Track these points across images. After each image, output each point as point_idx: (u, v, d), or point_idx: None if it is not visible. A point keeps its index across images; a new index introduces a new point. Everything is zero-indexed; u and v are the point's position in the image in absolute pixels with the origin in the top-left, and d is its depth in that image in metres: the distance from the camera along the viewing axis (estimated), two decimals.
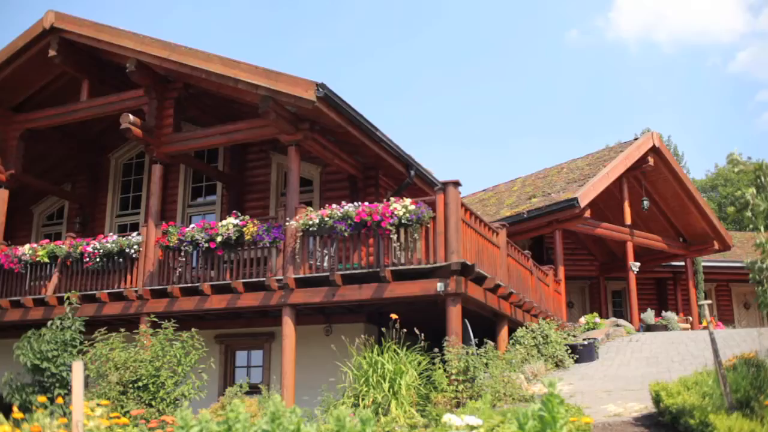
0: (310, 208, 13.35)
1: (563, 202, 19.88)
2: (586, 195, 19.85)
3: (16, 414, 5.99)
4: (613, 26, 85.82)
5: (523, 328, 14.31)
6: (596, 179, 20.63)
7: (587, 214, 20.19)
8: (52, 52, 15.73)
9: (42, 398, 10.17)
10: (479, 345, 11.82)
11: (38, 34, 15.98)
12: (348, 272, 12.62)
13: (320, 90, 12.47)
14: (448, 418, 3.94)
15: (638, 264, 22.29)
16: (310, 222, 12.82)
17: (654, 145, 22.42)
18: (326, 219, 12.63)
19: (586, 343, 15.05)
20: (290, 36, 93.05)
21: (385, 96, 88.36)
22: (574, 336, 16.11)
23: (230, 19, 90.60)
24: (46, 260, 15.38)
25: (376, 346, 11.18)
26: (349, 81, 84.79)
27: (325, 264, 12.99)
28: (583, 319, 19.12)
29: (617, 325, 19.02)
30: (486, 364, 11.24)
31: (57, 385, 12.99)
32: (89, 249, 14.85)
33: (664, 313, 21.94)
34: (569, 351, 14.57)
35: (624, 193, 22.53)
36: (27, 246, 15.85)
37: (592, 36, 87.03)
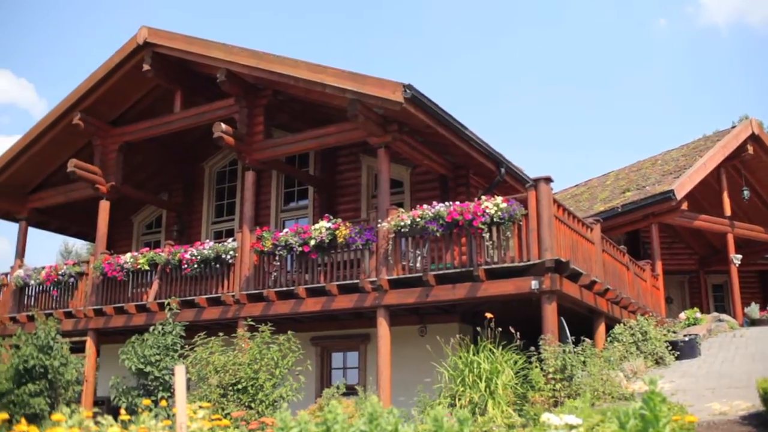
0: (401, 210, 13.38)
1: (659, 195, 19.41)
2: (682, 187, 19.34)
3: (124, 416, 6.19)
4: (703, 12, 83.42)
5: (621, 324, 14.03)
6: (692, 170, 20.07)
7: (684, 206, 19.65)
8: (146, 67, 16.21)
9: (146, 401, 10.42)
10: (576, 343, 11.65)
11: (132, 50, 16.52)
12: (441, 272, 12.60)
13: (407, 91, 12.48)
14: (546, 417, 3.89)
15: (740, 256, 21.56)
16: (402, 223, 12.85)
17: (753, 133, 21.70)
18: (418, 220, 12.64)
19: (686, 339, 14.66)
20: (376, 38, 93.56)
21: (473, 98, 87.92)
22: (674, 332, 15.72)
23: (313, 23, 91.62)
24: (147, 268, 15.84)
25: (472, 346, 11.13)
26: (435, 82, 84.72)
27: (418, 264, 12.99)
28: (683, 315, 18.62)
29: (719, 321, 18.45)
30: (583, 362, 11.06)
31: (160, 388, 13.35)
32: (187, 256, 15.23)
33: None
34: (669, 348, 14.21)
35: (722, 184, 21.86)
36: (128, 254, 16.37)
37: (681, 23, 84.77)
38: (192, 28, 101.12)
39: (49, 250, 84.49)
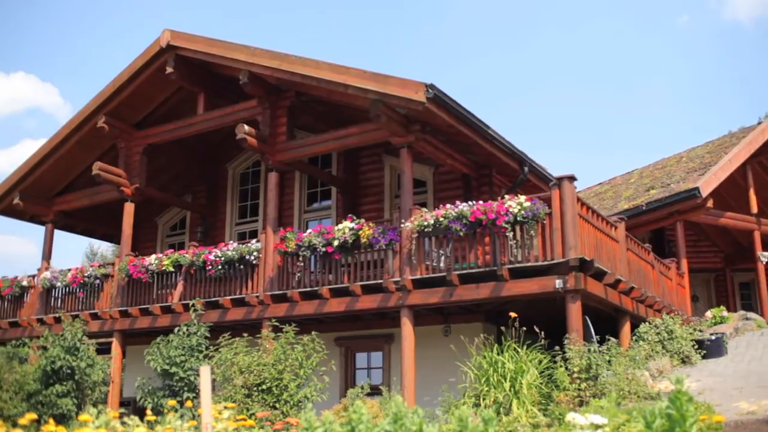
0: (425, 209, 13.37)
1: (683, 193, 19.26)
2: (707, 184, 19.18)
3: (150, 417, 6.24)
4: (727, 7, 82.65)
5: (646, 323, 13.93)
6: (718, 167, 19.89)
7: (709, 203, 19.49)
8: (169, 69, 16.29)
9: (172, 402, 10.49)
10: (601, 342, 11.59)
11: (156, 53, 16.61)
12: (464, 272, 12.57)
13: (429, 91, 12.46)
14: (572, 416, 3.87)
15: (767, 254, 21.35)
16: (425, 223, 12.83)
17: None
18: (441, 219, 12.63)
19: (713, 338, 14.53)
20: (400, 39, 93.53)
21: (491, 100, 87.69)
22: (701, 331, 15.59)
23: (334, 23, 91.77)
24: (171, 269, 15.93)
25: (496, 345, 11.10)
26: (454, 85, 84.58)
27: (442, 264, 12.98)
28: (709, 313, 18.47)
29: (747, 319, 18.27)
30: (609, 361, 11.00)
31: (185, 389, 13.42)
32: (211, 257, 15.30)
33: None
34: (696, 346, 14.10)
35: (748, 181, 21.65)
36: (153, 256, 16.48)
37: (704, 19, 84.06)
38: (213, 29, 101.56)
39: (74, 252, 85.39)
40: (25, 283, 18.78)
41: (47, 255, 19.37)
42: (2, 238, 69.87)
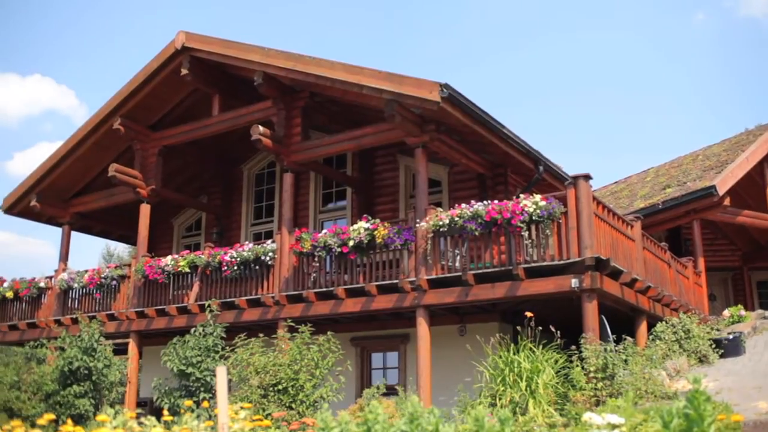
0: (440, 209, 13.37)
1: (700, 191, 19.14)
2: (724, 182, 19.05)
3: (166, 417, 6.27)
4: (742, 4, 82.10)
5: (663, 322, 13.86)
6: (734, 165, 19.77)
7: (726, 202, 19.36)
8: (184, 71, 16.35)
9: (188, 402, 10.51)
10: (617, 341, 11.54)
11: (170, 55, 16.68)
12: (480, 271, 12.55)
13: (444, 90, 12.46)
14: (588, 416, 3.85)
15: None
16: (440, 223, 12.83)
17: None
18: (456, 219, 12.62)
19: (731, 337, 14.44)
20: (414, 38, 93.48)
21: (504, 102, 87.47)
22: (718, 330, 15.50)
23: (351, 23, 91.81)
24: (187, 270, 15.99)
25: (512, 345, 11.07)
26: (476, 83, 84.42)
27: (457, 264, 12.97)
28: (726, 312, 18.35)
29: (765, 318, 18.14)
30: (625, 360, 10.95)
31: (202, 389, 13.46)
32: (227, 258, 15.34)
33: None
34: (713, 346, 14.02)
35: (766, 179, 21.49)
36: (169, 257, 16.55)
37: (719, 17, 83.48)
38: (227, 29, 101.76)
39: (91, 253, 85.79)
40: (42, 284, 18.90)
41: (64, 256, 19.50)
42: (19, 240, 70.37)
